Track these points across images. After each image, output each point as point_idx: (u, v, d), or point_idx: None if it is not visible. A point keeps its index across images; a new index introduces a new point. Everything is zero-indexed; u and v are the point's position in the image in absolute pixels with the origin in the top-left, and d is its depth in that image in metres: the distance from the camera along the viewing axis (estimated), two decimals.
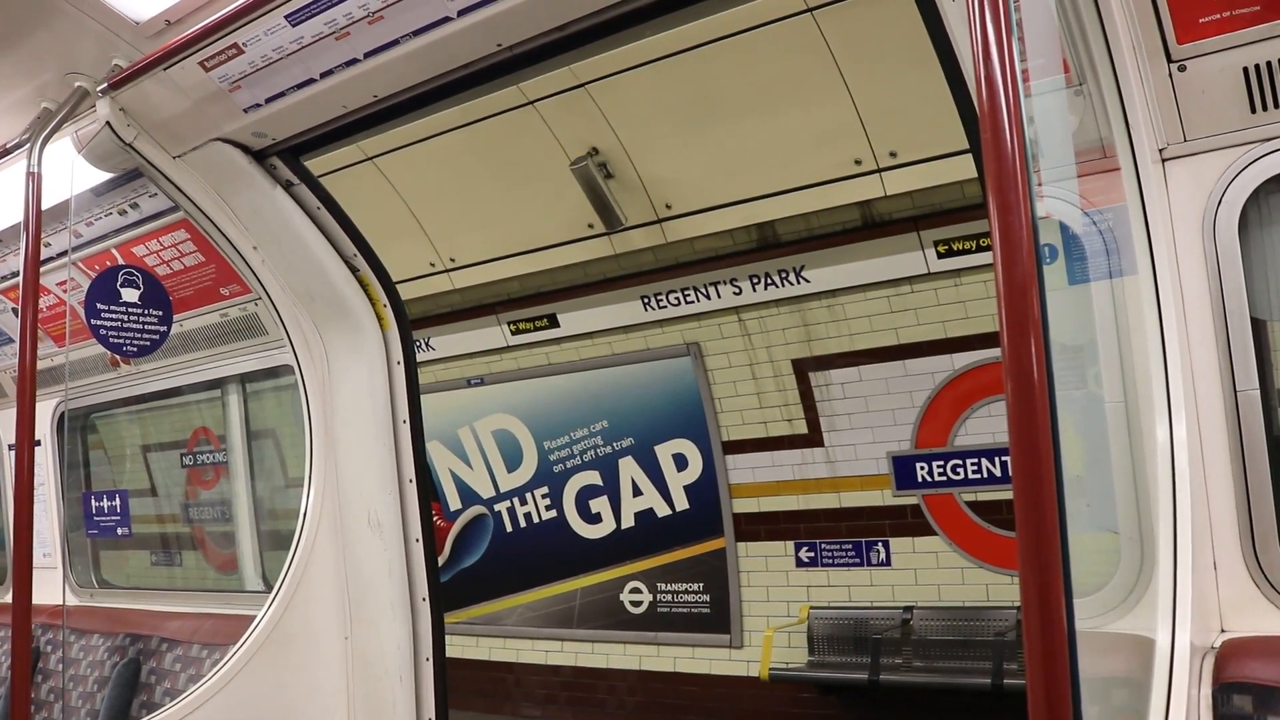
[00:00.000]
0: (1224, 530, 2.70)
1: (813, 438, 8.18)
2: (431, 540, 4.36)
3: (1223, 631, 2.66)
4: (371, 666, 4.32)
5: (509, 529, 9.82)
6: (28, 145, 3.52)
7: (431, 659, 4.28)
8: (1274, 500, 2.67)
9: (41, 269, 3.62)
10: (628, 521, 9.12)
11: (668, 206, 7.65)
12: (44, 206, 3.53)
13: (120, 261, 4.90)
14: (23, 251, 3.42)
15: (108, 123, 3.67)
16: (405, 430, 4.37)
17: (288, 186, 4.00)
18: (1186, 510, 2.41)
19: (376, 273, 4.28)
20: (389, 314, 4.37)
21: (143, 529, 6.87)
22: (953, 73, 2.77)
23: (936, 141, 6.48)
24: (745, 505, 8.56)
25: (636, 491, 9.05)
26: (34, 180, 3.46)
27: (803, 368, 8.11)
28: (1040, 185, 1.99)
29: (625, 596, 9.17)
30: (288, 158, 3.92)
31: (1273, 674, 2.37)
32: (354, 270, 4.24)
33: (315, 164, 4.07)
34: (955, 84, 2.84)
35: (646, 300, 8.40)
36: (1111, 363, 2.87)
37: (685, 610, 8.86)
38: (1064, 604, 1.37)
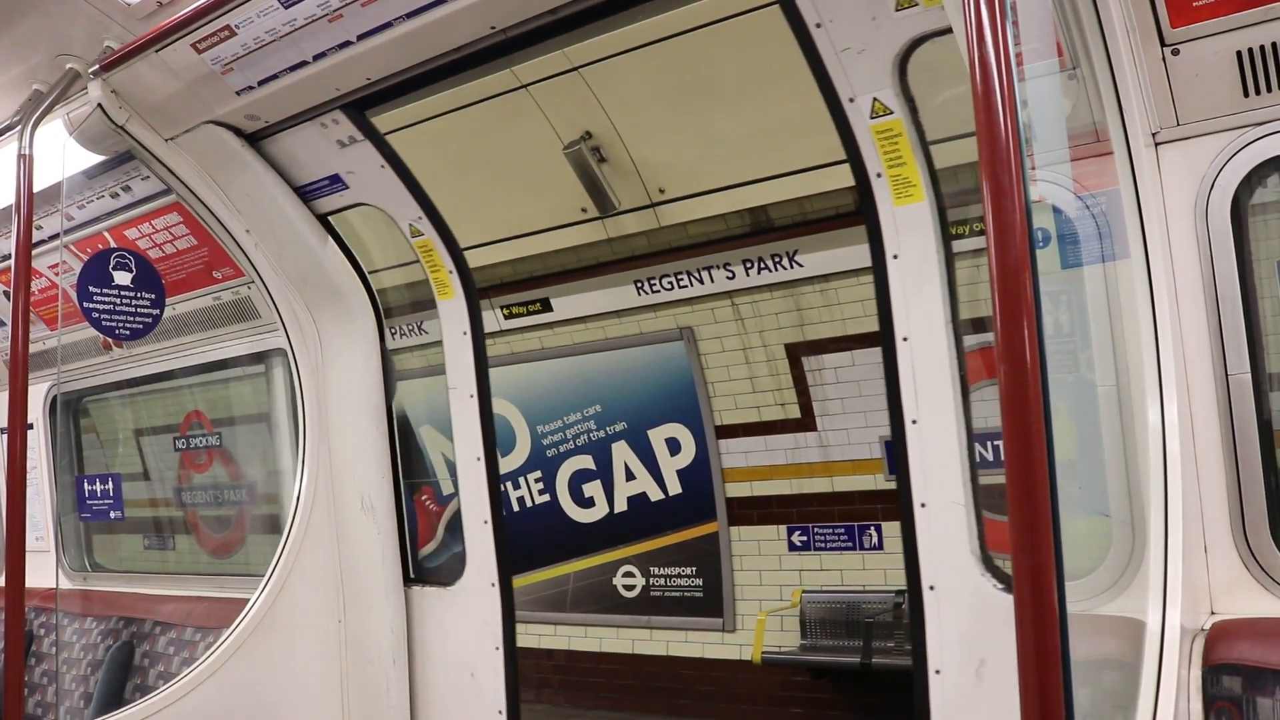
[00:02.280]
0: (1214, 513, 2.72)
1: (805, 422, 8.18)
2: (500, 522, 4.17)
3: (1212, 613, 2.67)
4: (364, 650, 4.33)
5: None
6: (19, 127, 3.51)
7: (501, 647, 4.10)
8: (1264, 483, 2.69)
9: (33, 252, 3.61)
10: (621, 506, 9.13)
11: (661, 191, 7.63)
12: (35, 189, 3.52)
13: (112, 244, 4.88)
14: (14, 234, 3.41)
15: (99, 105, 3.66)
16: (473, 405, 4.19)
17: (349, 143, 3.86)
18: (1178, 493, 2.42)
19: (443, 237, 4.11)
20: (454, 281, 4.21)
21: (135, 513, 6.87)
22: (828, 91, 3.10)
23: (930, 126, 6.46)
24: (738, 490, 8.57)
25: (630, 476, 9.06)
26: (25, 162, 3.46)
27: (795, 352, 8.11)
28: (1034, 169, 1.99)
29: (618, 581, 9.19)
30: (352, 112, 3.74)
31: (1262, 655, 2.39)
32: (416, 235, 4.09)
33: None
34: (831, 103, 3.13)
35: (640, 284, 8.39)
36: (1104, 346, 2.88)
37: (678, 594, 8.88)
38: (1056, 587, 1.38)
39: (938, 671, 3.24)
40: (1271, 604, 2.65)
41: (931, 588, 3.29)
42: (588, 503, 9.33)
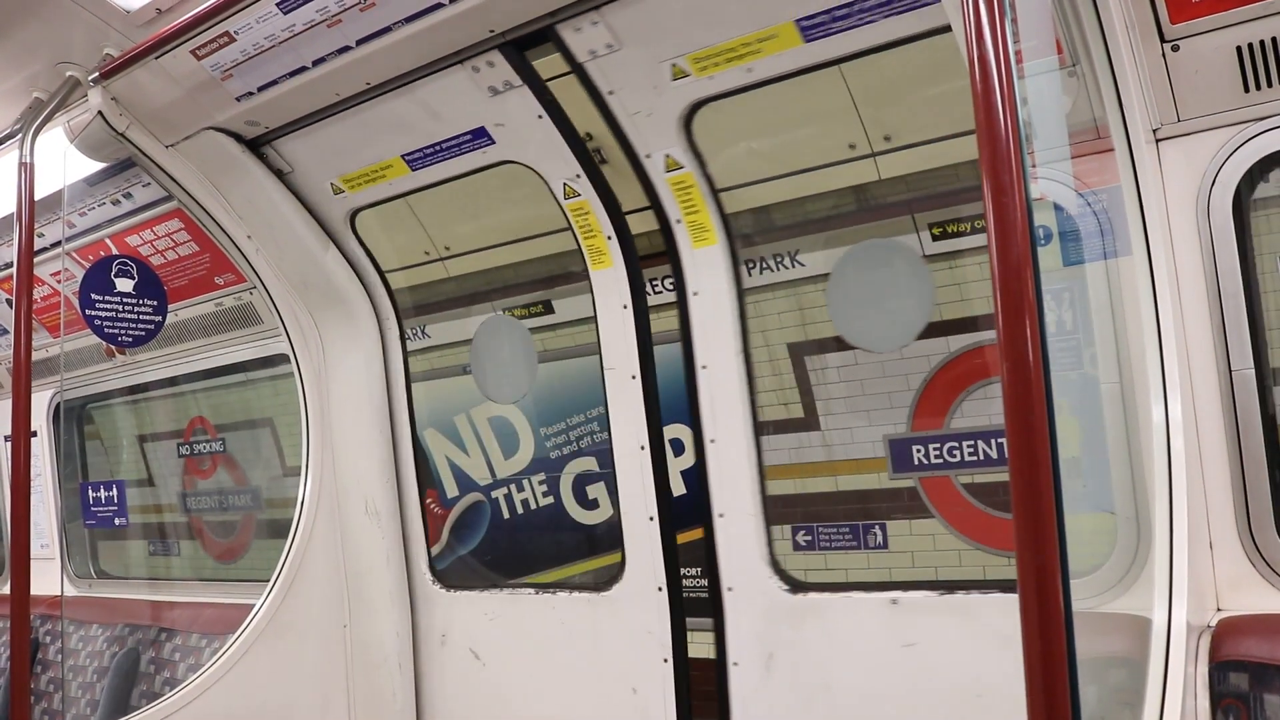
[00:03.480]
0: (1219, 509, 2.71)
1: (809, 421, 8.16)
2: (669, 518, 3.94)
3: (1218, 610, 2.67)
4: (370, 654, 4.33)
5: (506, 515, 9.80)
6: (19, 135, 3.52)
7: (671, 660, 3.85)
8: (1269, 479, 2.68)
9: (35, 260, 3.62)
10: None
11: None
12: (37, 197, 3.52)
13: (114, 251, 4.89)
14: (16, 242, 3.42)
15: (100, 112, 3.66)
16: (635, 387, 3.99)
17: (502, 90, 3.50)
18: (1182, 490, 2.42)
19: (603, 199, 3.85)
20: (612, 249, 3.96)
21: (139, 519, 6.87)
22: (628, 149, 3.52)
23: (931, 125, 6.45)
24: None
25: None
26: (26, 170, 3.46)
27: (798, 352, 8.09)
28: (1034, 167, 1.99)
29: None
30: (511, 53, 3.36)
31: (1268, 651, 2.38)
32: (571, 195, 3.86)
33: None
34: (632, 159, 3.53)
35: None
36: (1106, 344, 2.88)
37: (685, 594, 8.85)
38: (1060, 585, 1.37)
39: (735, 664, 3.67)
40: (1277, 600, 2.64)
41: (730, 589, 3.75)
42: (592, 504, 9.31)
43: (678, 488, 8.94)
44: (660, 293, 5.39)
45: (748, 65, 3.24)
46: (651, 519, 3.95)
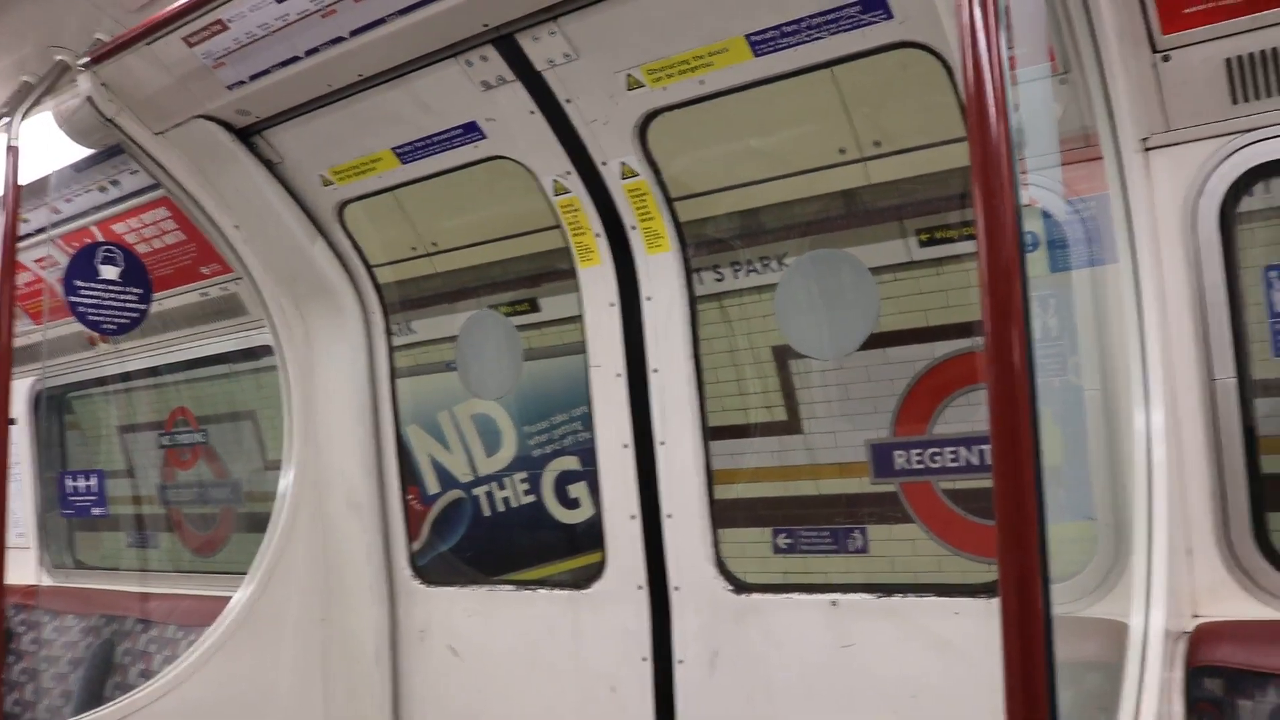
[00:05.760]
0: (1199, 517, 2.73)
1: (792, 425, 8.17)
2: (655, 518, 3.95)
3: (1196, 616, 2.69)
4: (349, 649, 4.31)
5: (487, 513, 9.78)
6: (6, 119, 3.50)
7: (650, 658, 3.79)
8: (1247, 488, 2.70)
9: (19, 245, 3.59)
10: None
11: None
12: (22, 181, 3.50)
13: (100, 238, 4.86)
14: (0, 227, 3.39)
15: (89, 98, 3.64)
16: (619, 385, 4.05)
17: (496, 85, 3.44)
18: (1162, 497, 2.43)
19: (593, 196, 3.77)
20: (600, 246, 3.92)
21: (119, 510, 6.83)
22: (585, 156, 3.59)
23: (921, 131, 6.47)
24: (724, 492, 8.55)
25: None
26: (12, 154, 3.44)
27: (783, 355, 8.10)
28: (1024, 173, 2.00)
29: None
30: (505, 48, 3.32)
31: (1244, 658, 2.40)
32: (561, 192, 3.80)
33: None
34: (589, 166, 3.62)
35: None
36: (1090, 351, 2.89)
37: None
38: (1041, 590, 1.38)
39: (681, 661, 3.70)
40: (1254, 607, 2.67)
41: (677, 588, 3.80)
42: (573, 503, 9.28)
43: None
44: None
45: (700, 78, 3.34)
46: (633, 517, 3.94)
